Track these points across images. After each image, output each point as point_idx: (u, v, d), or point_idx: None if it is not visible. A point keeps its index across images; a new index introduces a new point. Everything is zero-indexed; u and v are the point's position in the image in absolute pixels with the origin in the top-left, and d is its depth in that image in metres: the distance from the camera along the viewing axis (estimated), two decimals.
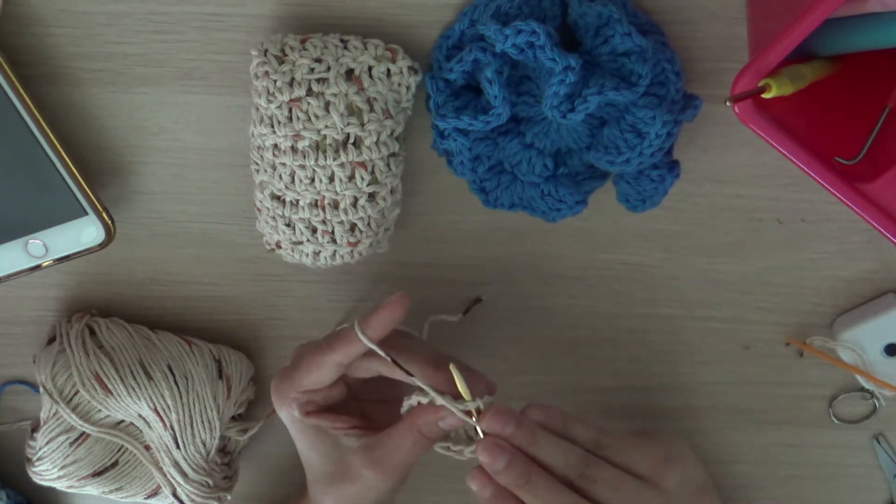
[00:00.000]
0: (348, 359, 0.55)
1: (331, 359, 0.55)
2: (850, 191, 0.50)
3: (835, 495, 0.70)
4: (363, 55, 0.55)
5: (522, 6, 0.54)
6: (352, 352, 0.55)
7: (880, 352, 0.64)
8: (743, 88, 0.47)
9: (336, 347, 0.55)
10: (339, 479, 0.56)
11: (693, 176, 0.61)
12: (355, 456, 0.56)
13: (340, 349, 0.55)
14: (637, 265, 0.64)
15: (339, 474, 0.56)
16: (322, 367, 0.56)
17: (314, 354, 0.56)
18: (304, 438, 0.57)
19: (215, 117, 0.60)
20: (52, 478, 0.62)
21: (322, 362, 0.55)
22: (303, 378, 0.56)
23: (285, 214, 0.58)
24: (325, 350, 0.56)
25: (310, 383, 0.56)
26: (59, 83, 0.59)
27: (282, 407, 0.57)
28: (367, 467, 0.55)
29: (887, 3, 0.48)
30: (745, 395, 0.67)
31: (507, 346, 0.66)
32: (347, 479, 0.56)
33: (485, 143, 0.58)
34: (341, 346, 0.55)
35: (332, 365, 0.55)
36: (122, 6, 0.57)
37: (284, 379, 0.57)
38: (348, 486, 0.56)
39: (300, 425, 0.57)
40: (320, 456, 0.57)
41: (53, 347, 0.62)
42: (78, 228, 0.59)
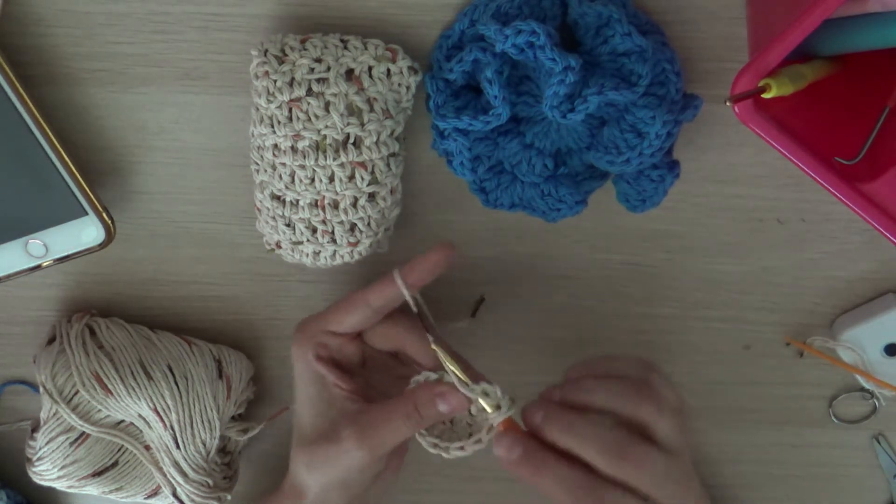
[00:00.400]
0: (382, 302, 0.56)
1: (363, 298, 0.56)
2: (850, 191, 0.50)
3: (835, 495, 0.70)
4: (363, 55, 0.55)
5: (522, 6, 0.54)
6: (386, 295, 0.56)
7: (880, 352, 0.64)
8: (743, 88, 0.47)
9: (372, 288, 0.56)
10: (321, 439, 0.56)
11: (693, 176, 0.61)
12: (344, 418, 0.55)
13: (375, 289, 0.56)
14: (637, 265, 0.64)
15: (323, 433, 0.56)
16: (354, 306, 0.56)
17: (350, 295, 0.57)
18: (305, 391, 0.57)
19: (215, 117, 0.60)
20: (52, 478, 0.62)
21: (355, 301, 0.56)
22: (332, 315, 0.57)
23: (285, 214, 0.58)
24: (360, 291, 0.57)
25: (336, 322, 0.57)
26: (59, 83, 0.59)
27: (299, 345, 0.58)
28: (349, 429, 0.54)
29: (887, 3, 0.48)
30: (745, 395, 0.67)
31: (507, 346, 0.66)
32: (329, 440, 0.55)
33: (485, 143, 0.58)
34: (377, 287, 0.56)
35: (363, 305, 0.56)
36: (122, 6, 0.57)
37: (311, 318, 0.58)
38: (325, 447, 0.55)
39: (306, 374, 0.57)
40: (313, 412, 0.57)
41: (53, 347, 0.62)
42: (78, 228, 0.59)
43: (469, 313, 0.65)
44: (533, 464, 0.51)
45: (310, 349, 0.57)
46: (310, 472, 0.56)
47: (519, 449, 0.52)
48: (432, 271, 0.56)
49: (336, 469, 0.55)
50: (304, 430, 0.57)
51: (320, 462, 0.55)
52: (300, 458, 0.57)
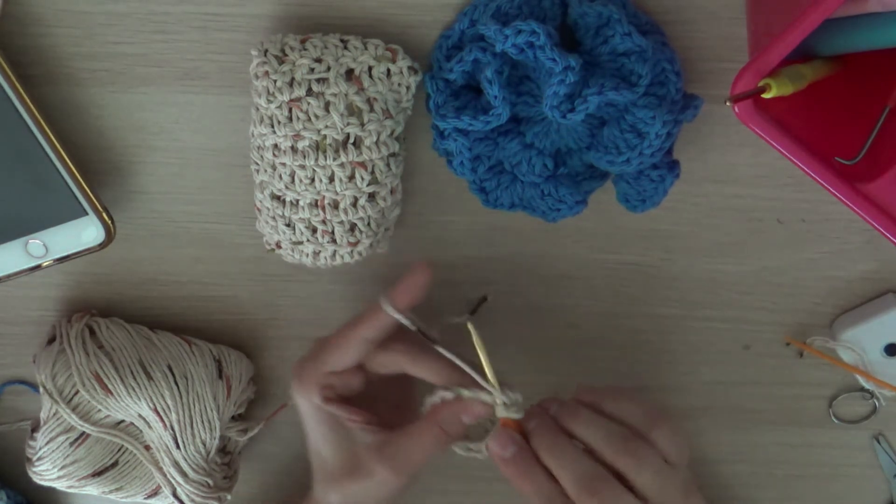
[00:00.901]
0: (375, 333, 0.55)
1: (357, 334, 0.55)
2: (850, 191, 0.50)
3: (835, 495, 0.70)
4: (363, 55, 0.55)
5: (522, 6, 0.54)
6: (379, 325, 0.55)
7: (880, 352, 0.64)
8: (743, 88, 0.47)
9: (363, 321, 0.55)
10: (349, 475, 0.56)
11: (693, 176, 0.61)
12: (368, 451, 0.55)
13: (367, 322, 0.55)
14: (637, 265, 0.64)
15: (349, 469, 0.56)
16: (349, 343, 0.55)
17: (341, 332, 0.56)
18: (318, 429, 0.57)
19: (215, 117, 0.60)
20: (52, 478, 0.62)
21: (349, 338, 0.56)
22: (328, 357, 0.56)
23: (285, 214, 0.58)
24: (351, 326, 0.56)
25: (335, 362, 0.56)
26: (59, 83, 0.59)
27: (302, 391, 0.57)
28: (380, 463, 0.55)
29: (887, 3, 0.48)
30: (745, 395, 0.67)
31: (507, 346, 0.66)
32: (357, 474, 0.55)
33: (485, 143, 0.58)
34: (368, 319, 0.55)
35: (359, 341, 0.55)
36: (122, 6, 0.57)
37: (308, 361, 0.57)
38: (357, 483, 0.55)
39: (316, 414, 0.56)
40: (332, 449, 0.56)
41: (53, 347, 0.62)
42: (78, 228, 0.59)
43: (469, 310, 0.65)
44: (520, 468, 0.52)
45: (315, 393, 0.56)
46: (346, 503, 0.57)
47: (513, 449, 0.52)
48: (419, 293, 0.55)
49: (372, 498, 0.56)
50: (326, 466, 0.57)
51: (353, 495, 0.56)
52: (331, 492, 0.57)
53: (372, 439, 0.56)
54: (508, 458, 0.52)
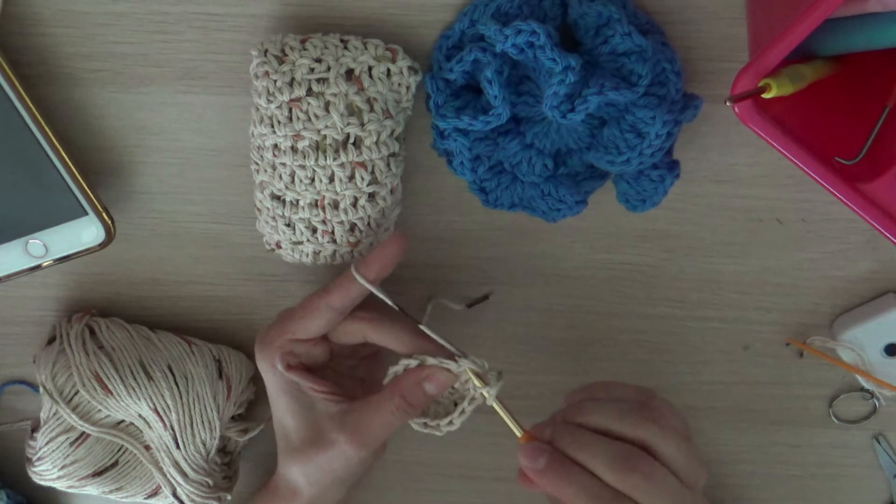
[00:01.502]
0: (343, 302, 0.55)
1: (325, 302, 0.55)
2: (850, 191, 0.50)
3: (835, 495, 0.70)
4: (363, 55, 0.55)
5: (522, 6, 0.54)
6: (347, 295, 0.55)
7: (880, 352, 0.64)
8: (743, 88, 0.47)
9: (332, 290, 0.55)
10: (310, 445, 0.56)
11: (693, 176, 0.61)
12: (330, 421, 0.55)
13: (336, 291, 0.55)
14: (637, 265, 0.64)
15: (310, 440, 0.56)
16: (316, 311, 0.55)
17: (309, 299, 0.56)
18: (281, 399, 0.57)
19: (215, 117, 0.60)
20: (52, 478, 0.62)
21: (317, 305, 0.55)
22: (293, 324, 0.56)
23: (285, 214, 0.58)
24: (319, 294, 0.55)
25: (301, 329, 0.56)
26: (59, 83, 0.59)
27: (265, 358, 0.57)
28: (341, 433, 0.55)
29: (887, 3, 0.48)
30: (745, 395, 0.67)
31: (507, 346, 0.66)
32: (319, 444, 0.55)
33: (485, 143, 0.58)
34: (337, 288, 0.55)
35: (326, 308, 0.55)
36: (122, 6, 0.57)
37: (273, 328, 0.57)
38: (319, 453, 0.55)
39: (279, 383, 0.56)
40: (294, 418, 0.56)
41: (53, 347, 0.62)
42: (78, 228, 0.59)
43: (468, 303, 0.65)
44: (557, 473, 0.51)
45: (278, 360, 0.56)
46: (306, 476, 0.57)
47: (544, 458, 0.51)
48: (390, 264, 0.55)
49: (333, 471, 0.56)
50: (290, 436, 0.57)
51: (315, 467, 0.56)
52: (293, 464, 0.57)
53: (334, 409, 0.56)
54: (544, 468, 0.51)
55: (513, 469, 0.69)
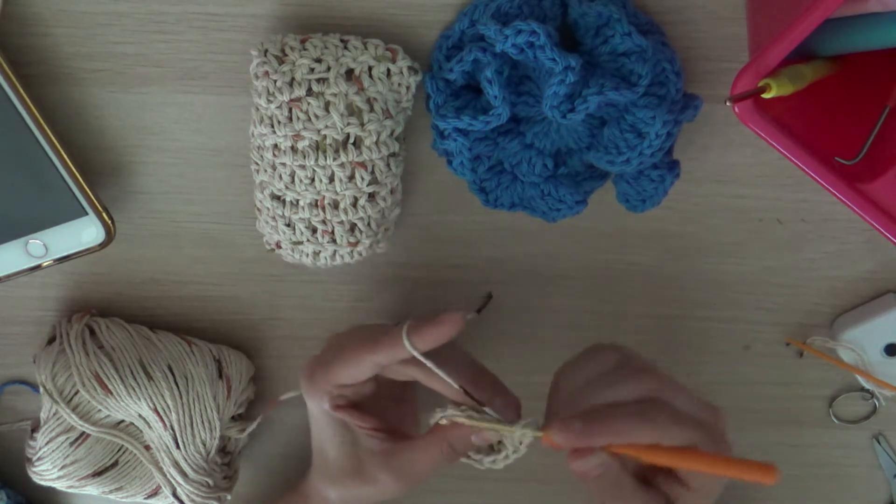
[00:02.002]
0: (389, 361, 0.55)
1: (372, 359, 0.54)
2: (850, 191, 0.50)
3: (835, 495, 0.70)
4: (363, 55, 0.55)
5: (522, 6, 0.54)
6: (395, 356, 0.54)
7: (880, 352, 0.64)
8: (743, 88, 0.47)
9: (380, 349, 0.54)
10: (351, 477, 0.56)
11: (693, 176, 0.61)
12: (374, 458, 0.56)
13: (384, 351, 0.54)
14: (637, 265, 0.64)
15: (351, 473, 0.56)
16: (362, 364, 0.55)
17: (356, 350, 0.55)
18: (325, 431, 0.57)
19: (215, 117, 0.60)
20: (52, 478, 0.62)
21: (363, 360, 0.55)
22: (340, 372, 0.55)
23: (285, 214, 0.58)
24: (368, 348, 0.55)
25: (346, 378, 0.55)
26: (59, 83, 0.59)
27: (312, 396, 0.57)
28: (386, 473, 0.55)
29: (887, 3, 0.48)
30: (745, 395, 0.67)
31: (507, 346, 0.66)
32: (360, 479, 0.56)
33: (485, 143, 0.58)
34: (386, 348, 0.54)
35: (371, 364, 0.55)
36: (122, 6, 0.57)
37: (320, 368, 0.56)
38: (359, 486, 0.56)
39: (325, 417, 0.57)
40: (337, 451, 0.57)
41: (53, 347, 0.62)
42: (78, 228, 0.59)
43: (475, 309, 0.65)
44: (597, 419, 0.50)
45: (325, 400, 0.56)
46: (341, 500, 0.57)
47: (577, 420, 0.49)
48: (442, 341, 0.53)
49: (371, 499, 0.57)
50: (329, 464, 0.57)
51: (353, 496, 0.57)
52: (329, 489, 0.57)
53: (378, 446, 0.56)
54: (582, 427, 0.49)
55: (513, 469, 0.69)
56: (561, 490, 0.70)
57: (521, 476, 0.69)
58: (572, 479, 0.54)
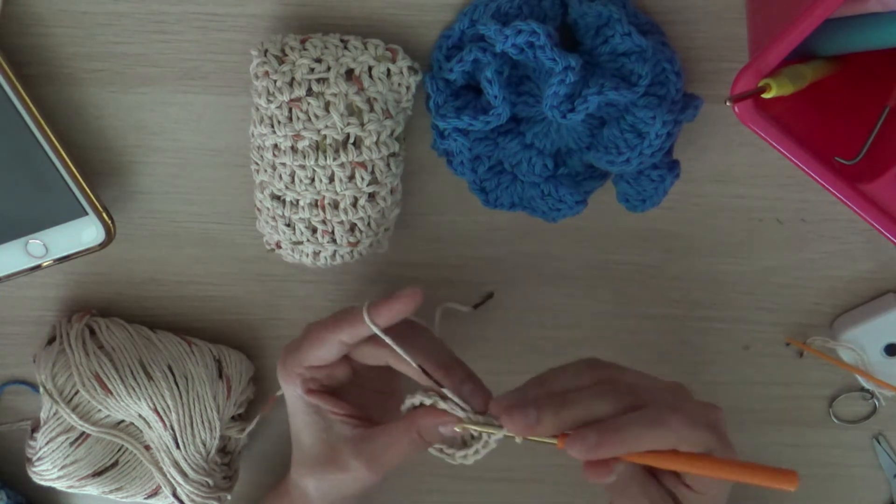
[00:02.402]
0: (352, 339, 0.55)
1: (335, 336, 0.55)
2: (850, 191, 0.50)
3: (835, 495, 0.70)
4: (363, 55, 0.55)
5: (522, 6, 0.54)
6: (356, 333, 0.55)
7: (880, 352, 0.64)
8: (743, 88, 0.47)
9: (342, 326, 0.55)
10: (325, 464, 0.56)
11: (693, 176, 0.61)
12: (346, 445, 0.56)
13: (345, 328, 0.55)
14: (637, 265, 0.64)
15: (326, 459, 0.56)
16: (325, 343, 0.55)
17: (319, 330, 0.56)
18: (300, 417, 0.57)
19: (215, 117, 0.60)
20: (52, 478, 0.62)
21: (326, 339, 0.55)
22: (307, 353, 0.56)
23: (285, 214, 0.58)
24: (330, 327, 0.55)
25: (314, 359, 0.56)
26: (59, 83, 0.59)
27: (285, 381, 0.57)
28: (357, 458, 0.55)
29: (887, 3, 0.48)
30: (745, 395, 0.67)
31: (507, 346, 0.66)
32: (334, 465, 0.56)
33: (485, 143, 0.58)
34: (347, 325, 0.55)
35: (335, 343, 0.55)
36: (122, 6, 0.57)
37: (290, 352, 0.57)
38: (333, 473, 0.56)
39: (299, 403, 0.57)
40: (312, 438, 0.57)
41: (53, 347, 0.62)
42: (78, 228, 0.59)
43: (473, 304, 0.65)
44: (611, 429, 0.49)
45: (298, 385, 0.57)
46: (318, 490, 0.58)
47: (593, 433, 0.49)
48: (401, 315, 0.54)
49: (344, 490, 0.57)
50: (304, 452, 0.58)
51: (328, 483, 0.57)
52: (307, 479, 0.58)
53: (351, 433, 0.56)
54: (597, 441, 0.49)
55: (513, 469, 0.70)
56: (561, 490, 0.70)
57: (521, 476, 0.69)
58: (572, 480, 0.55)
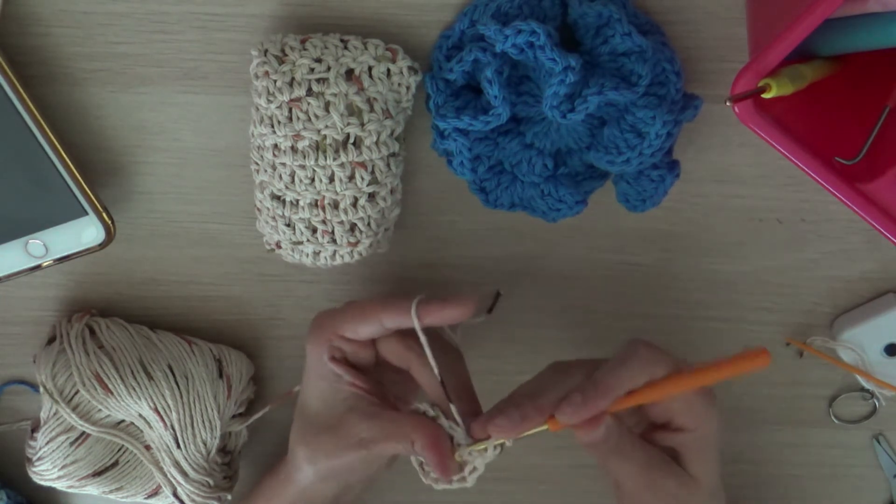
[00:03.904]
0: (392, 325, 0.55)
1: (377, 316, 0.55)
2: (850, 191, 0.50)
3: (835, 495, 0.70)
4: (363, 55, 0.55)
5: (522, 6, 0.54)
6: (398, 321, 0.55)
7: (880, 352, 0.64)
8: (743, 88, 0.47)
9: (388, 309, 0.55)
10: (328, 432, 0.56)
11: (693, 176, 0.61)
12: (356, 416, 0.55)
13: (390, 313, 0.55)
14: (637, 265, 0.64)
15: (330, 428, 0.56)
16: (367, 319, 0.56)
17: (365, 305, 0.56)
18: (315, 383, 0.57)
19: (215, 117, 0.60)
20: (53, 478, 0.62)
21: (369, 315, 0.56)
22: (346, 322, 0.56)
23: (285, 214, 0.58)
24: (378, 305, 0.56)
25: (349, 329, 0.56)
26: (59, 83, 0.59)
27: (315, 343, 0.57)
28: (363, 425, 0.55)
29: (887, 3, 0.48)
30: (745, 395, 0.67)
31: (507, 346, 0.66)
32: (337, 434, 0.55)
33: (485, 143, 0.58)
34: (393, 310, 0.55)
35: (376, 322, 0.55)
36: (122, 6, 0.57)
37: (327, 317, 0.57)
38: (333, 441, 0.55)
39: (320, 368, 0.57)
40: (322, 404, 0.57)
41: (53, 347, 0.62)
42: (78, 228, 0.59)
43: (486, 309, 0.65)
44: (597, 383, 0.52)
45: (325, 350, 0.57)
46: (312, 462, 0.57)
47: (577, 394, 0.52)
48: (449, 321, 0.54)
49: (340, 464, 0.56)
50: (310, 420, 0.57)
51: (325, 454, 0.56)
52: (303, 447, 0.57)
53: (362, 406, 0.56)
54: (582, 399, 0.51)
55: (513, 469, 0.69)
56: (561, 490, 0.70)
57: (521, 476, 0.69)
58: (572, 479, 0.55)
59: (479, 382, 0.57)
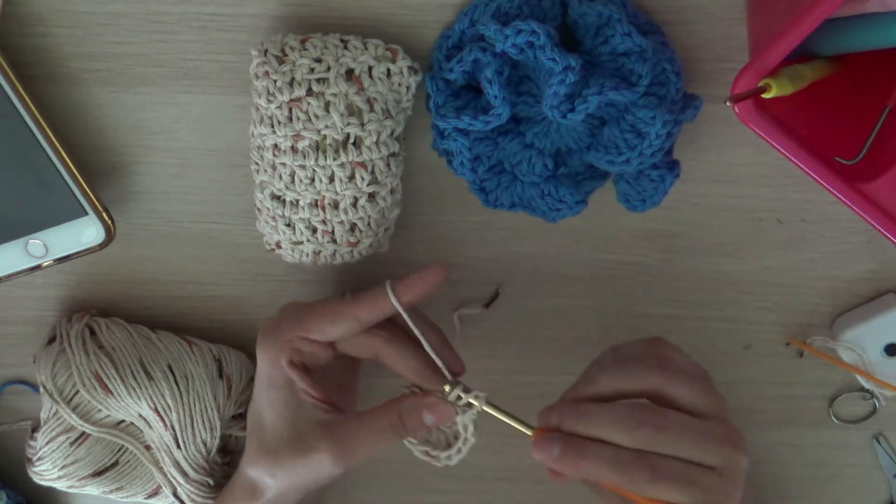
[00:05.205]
0: (370, 317, 0.54)
1: (353, 312, 0.54)
2: (850, 191, 0.50)
3: (835, 495, 0.70)
4: (363, 55, 0.55)
5: (522, 6, 0.54)
6: (378, 311, 0.54)
7: (880, 352, 0.64)
8: (743, 88, 0.47)
9: (362, 302, 0.54)
10: (286, 446, 0.54)
11: (693, 176, 0.61)
12: (315, 428, 0.54)
13: (366, 305, 0.54)
14: (637, 265, 0.64)
15: (288, 441, 0.54)
16: (340, 318, 0.54)
17: (336, 304, 0.54)
18: (268, 393, 0.55)
19: (215, 117, 0.60)
20: (53, 478, 0.62)
21: (342, 313, 0.54)
22: (314, 324, 0.54)
23: (285, 214, 0.58)
24: (349, 303, 0.54)
25: (318, 331, 0.54)
26: (59, 83, 0.59)
27: (269, 347, 0.55)
28: (325, 441, 0.53)
29: (887, 3, 0.48)
30: (745, 395, 0.67)
31: (507, 346, 0.66)
32: (296, 448, 0.54)
33: (485, 143, 0.58)
34: (368, 302, 0.54)
35: (351, 318, 0.54)
36: (122, 6, 0.57)
37: (288, 319, 0.55)
38: (293, 456, 0.54)
39: (273, 375, 0.55)
40: (276, 416, 0.54)
41: (53, 347, 0.62)
42: (78, 228, 0.59)
43: (483, 304, 0.65)
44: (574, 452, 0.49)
45: (284, 354, 0.55)
46: (272, 476, 0.55)
47: (558, 445, 0.50)
48: (427, 291, 0.53)
49: (303, 477, 0.55)
50: (264, 433, 0.55)
51: (286, 469, 0.54)
52: (261, 464, 0.55)
53: (321, 417, 0.54)
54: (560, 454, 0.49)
55: (513, 469, 0.69)
56: (561, 490, 0.70)
57: (521, 476, 0.69)
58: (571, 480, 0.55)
59: (479, 382, 0.57)
